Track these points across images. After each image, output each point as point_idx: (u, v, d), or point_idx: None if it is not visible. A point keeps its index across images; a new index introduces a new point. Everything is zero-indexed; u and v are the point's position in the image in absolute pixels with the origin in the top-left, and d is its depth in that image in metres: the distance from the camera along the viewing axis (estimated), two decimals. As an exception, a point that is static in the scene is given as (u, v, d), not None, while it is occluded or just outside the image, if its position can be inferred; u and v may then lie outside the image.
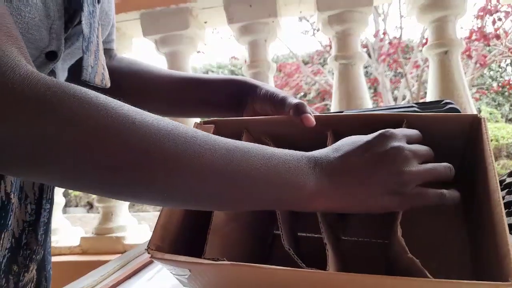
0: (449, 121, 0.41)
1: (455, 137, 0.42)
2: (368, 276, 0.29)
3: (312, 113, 0.45)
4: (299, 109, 0.44)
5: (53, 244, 1.53)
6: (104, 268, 0.69)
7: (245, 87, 0.52)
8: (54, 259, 1.49)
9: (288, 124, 0.45)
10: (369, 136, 0.36)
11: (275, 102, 0.48)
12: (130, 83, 0.57)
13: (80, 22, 0.39)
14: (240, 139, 0.46)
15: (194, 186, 0.30)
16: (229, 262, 0.33)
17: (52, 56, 0.38)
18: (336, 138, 0.44)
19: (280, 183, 0.32)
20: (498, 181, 0.34)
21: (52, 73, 0.41)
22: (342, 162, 0.34)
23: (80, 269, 0.74)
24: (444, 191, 0.36)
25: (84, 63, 0.39)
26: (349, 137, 0.37)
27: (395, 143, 0.35)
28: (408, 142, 0.36)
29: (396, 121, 0.41)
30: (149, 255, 0.36)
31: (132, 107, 0.29)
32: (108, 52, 0.59)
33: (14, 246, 0.40)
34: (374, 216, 0.47)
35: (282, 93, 0.49)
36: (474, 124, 0.40)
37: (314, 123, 0.43)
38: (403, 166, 0.34)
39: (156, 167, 0.28)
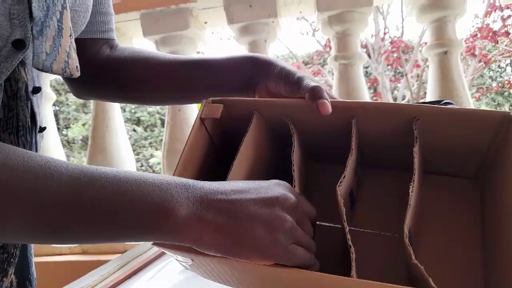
0: (477, 116, 0.39)
1: (481, 133, 0.40)
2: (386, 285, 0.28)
3: (329, 98, 0.42)
4: (315, 93, 0.41)
5: (53, 244, 1.53)
6: (104, 268, 0.69)
7: (258, 65, 0.49)
8: (55, 259, 1.50)
9: (304, 108, 0.42)
10: (271, 190, 0.34)
11: (290, 83, 0.44)
12: (135, 72, 0.55)
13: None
14: (250, 121, 0.44)
15: (35, 219, 0.27)
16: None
17: (20, 45, 0.36)
18: (360, 128, 0.43)
19: (142, 209, 0.29)
20: None
21: (22, 63, 0.39)
22: (229, 204, 0.31)
23: (80, 269, 0.75)
24: (314, 258, 0.35)
25: (35, 49, 0.36)
26: (249, 182, 0.35)
27: (289, 195, 0.34)
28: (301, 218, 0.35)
29: (422, 113, 0.39)
30: (152, 247, 0.36)
31: None
32: (109, 42, 0.57)
33: None
34: (384, 207, 0.46)
35: (298, 73, 0.45)
36: (504, 123, 0.38)
37: (330, 110, 0.40)
38: (288, 214, 0.33)
39: None
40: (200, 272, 0.40)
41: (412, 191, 0.36)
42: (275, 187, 0.34)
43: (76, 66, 0.41)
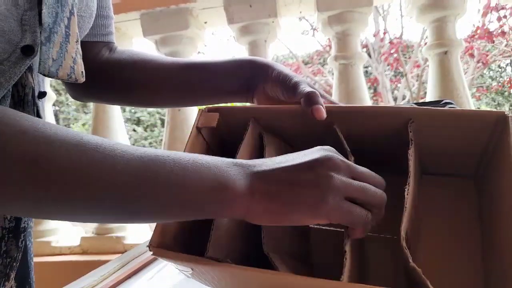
0: (473, 117, 0.39)
1: (476, 134, 0.40)
2: None
3: (326, 102, 0.42)
4: (310, 99, 0.41)
5: (53, 244, 1.53)
6: (104, 268, 0.69)
7: (256, 68, 0.49)
8: (54, 259, 1.50)
9: (299, 114, 0.42)
10: (313, 155, 0.34)
11: (287, 87, 0.45)
12: (134, 74, 0.55)
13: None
14: (246, 128, 0.43)
15: (110, 200, 0.28)
16: (232, 265, 0.33)
17: (28, 51, 0.36)
18: (356, 131, 0.42)
19: (201, 185, 0.30)
20: None
21: (29, 69, 0.39)
22: (276, 172, 0.32)
23: (80, 269, 0.74)
24: (369, 215, 0.34)
25: (41, 56, 0.36)
26: (293, 153, 0.35)
27: (333, 156, 0.33)
28: (355, 178, 0.34)
29: (417, 115, 0.39)
30: (151, 253, 0.36)
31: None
32: (108, 45, 0.57)
33: None
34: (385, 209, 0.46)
35: (295, 77, 0.45)
36: (499, 123, 0.38)
37: (325, 116, 0.40)
38: (333, 172, 0.32)
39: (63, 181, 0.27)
40: (201, 281, 0.40)
41: (407, 194, 0.36)
42: (317, 151, 0.34)
43: (82, 72, 0.41)
